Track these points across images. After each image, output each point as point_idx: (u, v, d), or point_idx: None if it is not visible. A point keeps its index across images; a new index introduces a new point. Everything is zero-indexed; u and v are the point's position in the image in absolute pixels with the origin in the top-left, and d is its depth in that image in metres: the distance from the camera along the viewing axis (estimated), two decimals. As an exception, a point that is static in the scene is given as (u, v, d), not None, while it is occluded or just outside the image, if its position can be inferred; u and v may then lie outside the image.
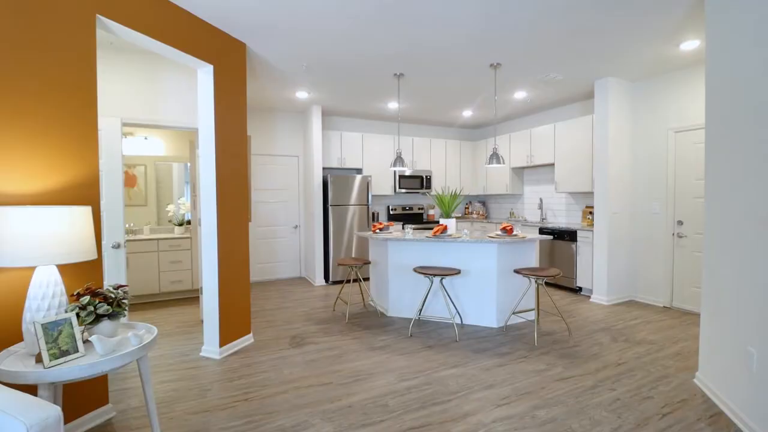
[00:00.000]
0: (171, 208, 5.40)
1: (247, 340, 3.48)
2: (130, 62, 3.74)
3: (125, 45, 3.60)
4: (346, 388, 2.66)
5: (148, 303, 4.89)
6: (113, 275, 3.43)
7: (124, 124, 3.64)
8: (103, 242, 3.39)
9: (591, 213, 5.44)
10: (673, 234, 4.52)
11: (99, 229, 2.26)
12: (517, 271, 3.70)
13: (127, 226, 5.16)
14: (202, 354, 3.24)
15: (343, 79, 4.60)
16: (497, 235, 4.03)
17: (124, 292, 2.04)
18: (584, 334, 3.72)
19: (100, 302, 1.93)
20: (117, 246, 3.44)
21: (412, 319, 4.13)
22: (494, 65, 4.13)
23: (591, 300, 4.89)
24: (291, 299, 5.08)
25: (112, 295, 1.99)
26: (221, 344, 3.21)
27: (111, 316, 1.94)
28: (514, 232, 4.02)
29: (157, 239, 4.91)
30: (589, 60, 4.06)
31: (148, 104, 3.79)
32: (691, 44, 3.68)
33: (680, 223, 4.46)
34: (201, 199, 3.20)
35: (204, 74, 3.17)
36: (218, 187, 3.18)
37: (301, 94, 5.22)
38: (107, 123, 3.43)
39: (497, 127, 7.39)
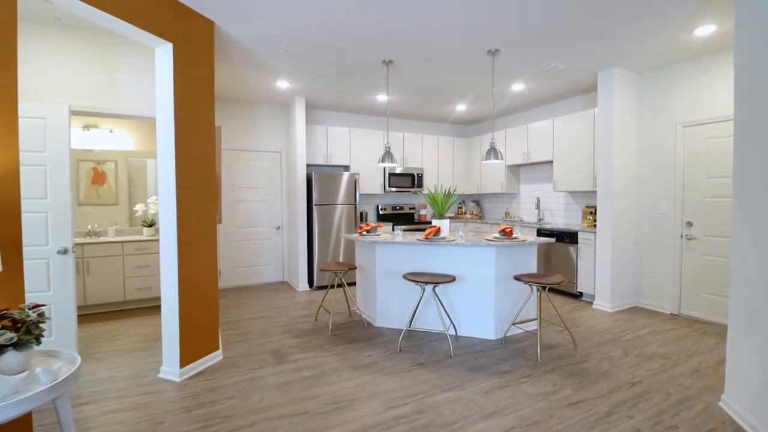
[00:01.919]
0: (140, 207, 4.95)
1: (214, 357, 3.07)
2: (81, 42, 3.29)
3: (75, 22, 3.16)
4: (324, 420, 2.28)
5: (112, 312, 4.44)
6: (59, 286, 2.99)
7: (74, 113, 3.20)
8: (47, 247, 2.96)
9: (591, 213, 5.13)
10: (682, 236, 4.21)
11: (15, 234, 1.84)
12: (517, 278, 3.35)
13: (89, 227, 4.70)
14: (160, 375, 2.83)
15: (326, 66, 4.20)
16: (495, 237, 3.67)
17: (39, 315, 1.63)
18: (591, 346, 3.38)
19: (3, 328, 1.52)
20: (63, 251, 3.00)
21: (401, 330, 3.75)
22: (492, 51, 3.77)
23: (593, 306, 4.56)
24: (270, 307, 4.66)
25: (23, 318, 1.58)
26: (182, 364, 2.80)
27: (17, 345, 1.53)
28: (514, 235, 3.67)
29: (122, 242, 4.46)
30: (593, 48, 3.72)
31: (104, 90, 3.35)
32: (706, 29, 3.36)
33: (689, 224, 4.15)
34: (159, 198, 2.78)
35: (162, 53, 2.75)
36: (179, 185, 2.77)
37: (282, 84, 4.81)
38: (51, 111, 2.98)
39: (492, 124, 7.04)
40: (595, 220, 5.02)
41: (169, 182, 2.75)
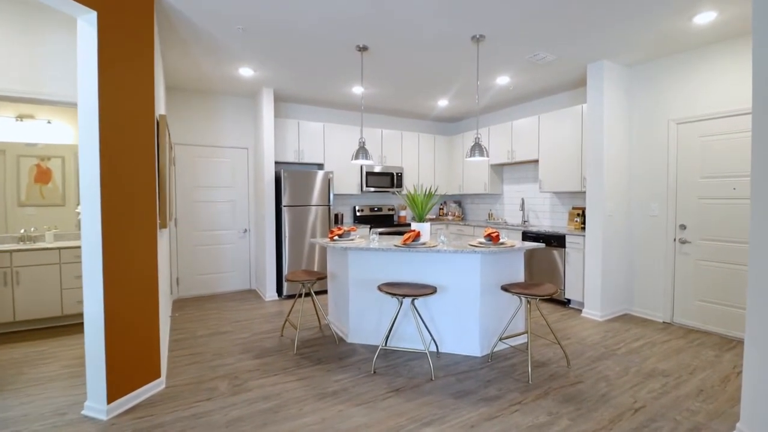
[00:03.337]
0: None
1: (154, 387, 2.60)
2: (-5, 13, 2.77)
3: (-16, -13, 2.65)
4: (277, 471, 1.86)
5: (46, 330, 3.87)
6: (-41, 304, 2.47)
7: (-18, 96, 2.68)
8: (-57, 258, 2.43)
9: (579, 215, 4.86)
10: (675, 239, 3.97)
11: None
12: (505, 289, 3.00)
13: (22, 231, 4.12)
14: (83, 412, 2.34)
15: (293, 50, 3.77)
16: (480, 243, 3.32)
17: None
18: (584, 363, 3.07)
19: None
20: (-34, 263, 2.48)
21: (377, 348, 3.36)
22: (477, 38, 3.42)
23: (582, 315, 4.28)
24: (232, 321, 4.19)
25: None
26: (110, 399, 2.32)
27: None
28: (501, 240, 3.33)
29: (59, 248, 3.90)
30: (584, 36, 3.41)
31: (23, 71, 2.84)
32: (706, 16, 3.09)
33: (683, 227, 3.91)
34: (81, 198, 2.30)
35: (84, 24, 2.27)
36: (104, 182, 2.30)
37: (246, 71, 4.33)
38: (-50, 92, 2.46)
39: (476, 119, 6.74)
40: (582, 222, 4.76)
41: (92, 179, 2.27)
